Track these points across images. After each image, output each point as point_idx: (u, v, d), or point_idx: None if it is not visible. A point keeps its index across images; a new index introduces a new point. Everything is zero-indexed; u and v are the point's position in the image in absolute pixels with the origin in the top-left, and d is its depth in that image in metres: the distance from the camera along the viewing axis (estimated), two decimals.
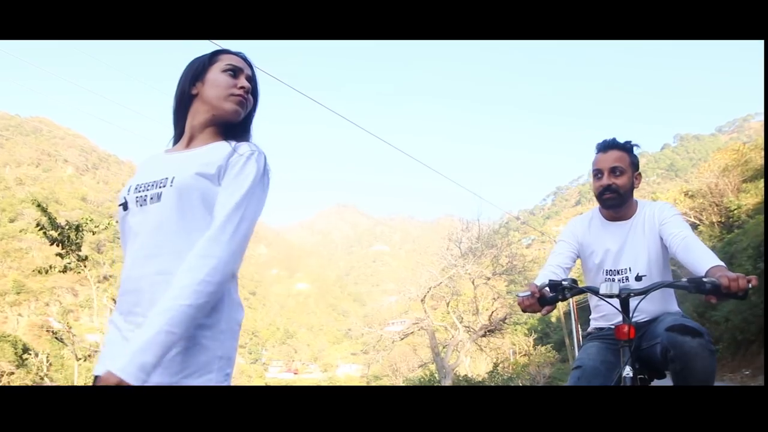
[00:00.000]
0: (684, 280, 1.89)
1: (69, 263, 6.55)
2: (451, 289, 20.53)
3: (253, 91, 1.57)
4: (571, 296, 2.03)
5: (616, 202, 2.33)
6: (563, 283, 2.01)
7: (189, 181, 1.35)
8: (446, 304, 20.80)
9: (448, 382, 18.18)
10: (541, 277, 2.17)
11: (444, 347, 19.89)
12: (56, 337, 6.96)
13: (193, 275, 1.21)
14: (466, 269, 19.57)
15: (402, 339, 21.96)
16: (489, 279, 20.29)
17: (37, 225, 6.33)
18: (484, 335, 20.45)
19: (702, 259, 1.98)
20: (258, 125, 1.62)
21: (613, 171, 2.30)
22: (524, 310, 2.05)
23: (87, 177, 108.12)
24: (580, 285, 2.09)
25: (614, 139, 2.38)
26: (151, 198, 1.37)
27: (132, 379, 1.11)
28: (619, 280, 2.33)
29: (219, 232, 1.29)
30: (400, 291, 22.61)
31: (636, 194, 2.43)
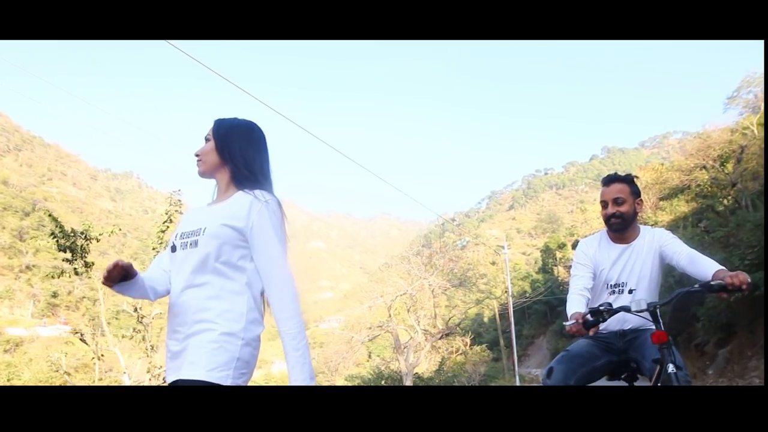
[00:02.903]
0: (696, 285, 2.25)
1: (77, 268, 6.95)
2: (412, 296, 22.50)
3: (222, 142, 1.82)
4: (609, 317, 2.30)
5: (621, 226, 2.69)
6: (600, 308, 2.28)
7: (216, 230, 1.69)
8: (407, 310, 22.72)
9: (409, 380, 20.23)
10: (574, 303, 2.52)
11: (405, 348, 21.58)
12: (81, 339, 7.25)
13: (295, 332, 1.66)
14: (428, 281, 21.78)
15: (370, 340, 24.21)
16: (447, 289, 22.69)
17: (51, 234, 6.70)
18: (441, 338, 22.79)
19: (705, 266, 2.36)
20: (192, 120, 2.03)
21: (616, 201, 2.68)
22: (573, 335, 2.32)
23: (8, 159, 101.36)
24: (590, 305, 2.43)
25: (616, 174, 2.78)
26: (191, 244, 1.71)
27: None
28: (616, 293, 2.71)
29: (285, 288, 1.73)
30: (377, 298, 23.92)
31: (564, 201, 3.00)
